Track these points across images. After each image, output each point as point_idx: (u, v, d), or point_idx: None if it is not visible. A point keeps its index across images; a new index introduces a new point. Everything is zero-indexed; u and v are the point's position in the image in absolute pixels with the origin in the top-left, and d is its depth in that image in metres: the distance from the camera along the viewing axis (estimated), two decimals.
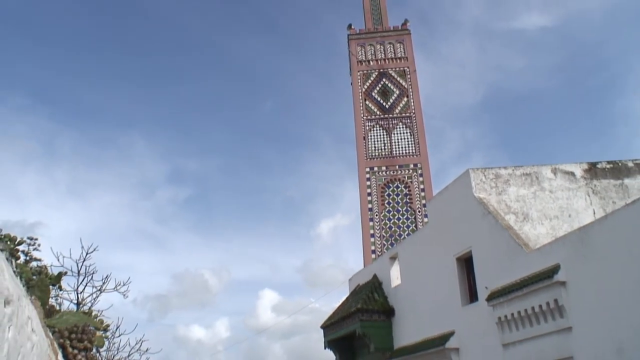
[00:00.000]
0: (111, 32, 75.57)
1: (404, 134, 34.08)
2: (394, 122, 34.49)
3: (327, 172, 74.37)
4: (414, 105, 34.78)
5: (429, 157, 33.19)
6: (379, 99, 35.22)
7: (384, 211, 31.95)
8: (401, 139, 33.92)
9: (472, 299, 14.20)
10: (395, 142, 33.83)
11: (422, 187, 32.33)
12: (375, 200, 32.25)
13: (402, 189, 32.51)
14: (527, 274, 11.54)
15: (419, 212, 31.43)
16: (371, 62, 36.39)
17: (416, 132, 33.97)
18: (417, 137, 33.82)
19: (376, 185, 32.72)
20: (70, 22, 74.01)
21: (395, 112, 34.73)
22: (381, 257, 20.77)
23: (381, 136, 34.15)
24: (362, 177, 33.05)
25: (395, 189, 32.55)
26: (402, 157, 33.36)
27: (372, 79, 35.90)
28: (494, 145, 77.62)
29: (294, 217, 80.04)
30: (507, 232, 12.61)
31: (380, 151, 33.68)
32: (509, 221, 13.18)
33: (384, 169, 33.17)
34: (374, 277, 19.61)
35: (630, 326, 9.14)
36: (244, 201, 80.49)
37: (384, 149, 33.73)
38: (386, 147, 33.75)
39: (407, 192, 32.34)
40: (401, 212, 31.93)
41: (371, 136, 34.20)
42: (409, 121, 34.41)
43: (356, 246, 34.53)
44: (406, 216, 31.79)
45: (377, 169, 33.20)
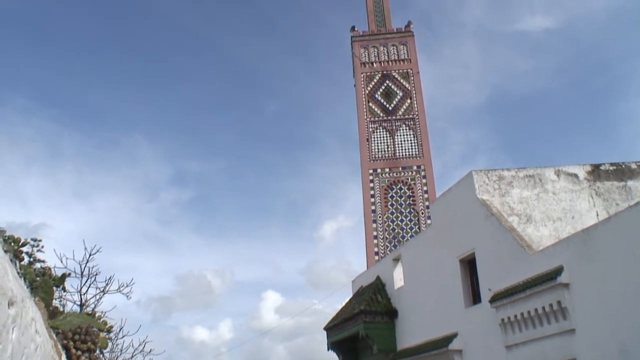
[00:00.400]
0: (115, 34, 75.91)
1: (407, 135, 34.07)
2: (397, 124, 34.49)
3: (331, 173, 74.42)
4: (417, 107, 34.76)
5: (432, 159, 33.29)
6: (382, 101, 35.22)
7: (387, 213, 31.95)
8: (404, 141, 33.91)
9: (475, 300, 14.19)
10: (398, 144, 33.83)
11: (425, 188, 32.32)
12: (378, 201, 32.25)
13: (406, 191, 32.51)
14: (530, 276, 11.52)
15: (422, 213, 31.41)
16: (374, 64, 36.40)
17: (419, 133, 33.96)
18: (421, 139, 33.81)
19: (379, 187, 32.71)
20: (74, 24, 74.44)
21: (398, 114, 34.73)
22: (384, 259, 20.76)
23: (384, 138, 34.15)
24: (366, 179, 33.05)
25: (398, 191, 32.55)
26: (405, 159, 33.35)
27: (375, 80, 35.91)
28: (497, 146, 77.60)
29: (297, 218, 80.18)
30: (510, 233, 12.61)
31: (383, 153, 33.68)
32: (512, 223, 13.16)
33: (387, 170, 33.16)
34: (377, 278, 19.61)
35: (633, 328, 9.13)
36: (248, 203, 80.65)
37: (387, 150, 33.73)
38: (389, 149, 33.75)
39: (410, 194, 32.34)
40: (404, 214, 31.92)
41: (374, 138, 34.20)
42: (412, 123, 34.40)
43: (359, 248, 34.46)
44: (409, 218, 31.79)
45: (380, 170, 33.19)
